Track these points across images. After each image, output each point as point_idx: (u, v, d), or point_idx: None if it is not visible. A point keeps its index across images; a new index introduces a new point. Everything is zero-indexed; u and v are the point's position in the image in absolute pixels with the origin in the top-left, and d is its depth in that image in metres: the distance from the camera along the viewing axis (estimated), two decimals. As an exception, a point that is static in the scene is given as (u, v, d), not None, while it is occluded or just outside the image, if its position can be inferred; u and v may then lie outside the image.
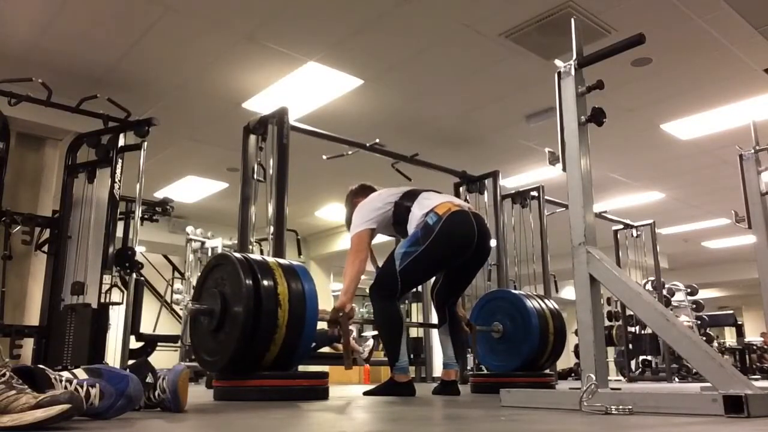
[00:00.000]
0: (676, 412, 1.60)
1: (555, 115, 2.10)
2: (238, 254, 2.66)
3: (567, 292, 10.77)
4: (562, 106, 2.08)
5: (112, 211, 4.16)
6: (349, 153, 4.66)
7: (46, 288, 4.22)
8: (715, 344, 10.43)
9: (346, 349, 3.05)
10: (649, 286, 8.19)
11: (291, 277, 2.63)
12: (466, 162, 5.79)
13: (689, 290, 9.64)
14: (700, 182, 8.13)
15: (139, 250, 4.45)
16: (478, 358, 4.15)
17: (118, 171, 4.19)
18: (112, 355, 4.16)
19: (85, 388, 1.46)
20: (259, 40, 4.64)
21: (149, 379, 1.77)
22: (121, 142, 4.27)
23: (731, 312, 11.76)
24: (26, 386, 1.30)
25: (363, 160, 5.16)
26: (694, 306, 9.57)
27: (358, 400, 2.69)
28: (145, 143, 4.27)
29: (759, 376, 10.05)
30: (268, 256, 3.08)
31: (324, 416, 1.84)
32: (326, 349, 5.95)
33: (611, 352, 9.47)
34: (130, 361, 3.88)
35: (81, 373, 1.55)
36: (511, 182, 7.38)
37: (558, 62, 2.14)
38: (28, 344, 4.08)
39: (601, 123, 2.03)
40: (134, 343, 4.28)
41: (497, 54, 4.83)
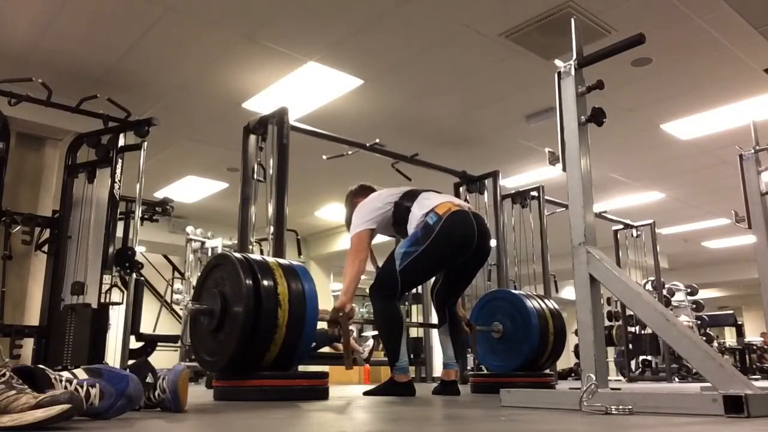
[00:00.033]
0: (676, 412, 1.60)
1: (555, 115, 2.10)
2: (238, 254, 2.66)
3: (567, 292, 10.76)
4: (562, 106, 2.08)
5: (112, 211, 4.17)
6: (349, 153, 4.66)
7: (46, 288, 4.23)
8: (715, 344, 10.43)
9: (347, 349, 3.05)
10: (649, 286, 8.19)
11: (291, 277, 2.63)
12: (466, 162, 5.79)
13: (689, 290, 9.64)
14: (700, 182, 8.13)
15: (139, 250, 4.46)
16: (478, 358, 4.15)
17: (118, 171, 4.20)
18: (112, 355, 4.16)
19: (85, 388, 1.46)
20: (259, 40, 4.64)
21: (149, 379, 1.77)
22: (121, 142, 4.27)
23: (731, 312, 11.77)
24: (26, 386, 1.30)
25: (363, 160, 5.16)
26: (694, 306, 9.57)
27: (358, 400, 2.69)
28: (145, 143, 4.27)
29: (759, 376, 10.05)
30: (268, 256, 3.08)
31: (324, 416, 1.84)
32: (326, 349, 5.95)
33: (611, 352, 9.47)
34: (130, 361, 3.88)
35: (81, 373, 1.55)
36: (511, 182, 7.38)
37: (558, 62, 2.14)
38: (28, 344, 4.08)
39: (601, 123, 2.03)
40: (134, 343, 4.28)
41: (497, 54, 4.83)
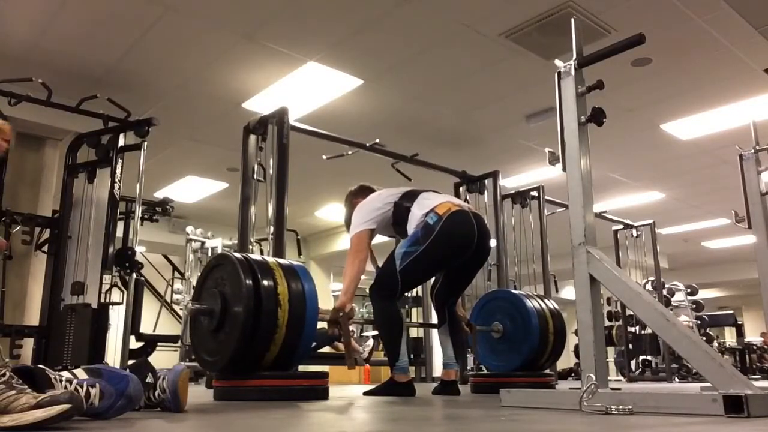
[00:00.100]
0: (676, 412, 1.60)
1: (555, 115, 2.10)
2: (238, 254, 2.66)
3: (567, 292, 10.76)
4: (562, 106, 2.08)
5: (112, 211, 4.17)
6: (349, 153, 4.66)
7: (46, 288, 4.23)
8: (715, 344, 10.43)
9: (348, 349, 3.05)
10: (649, 286, 8.19)
11: (291, 277, 2.63)
12: (466, 162, 5.79)
13: (689, 290, 9.64)
14: (700, 182, 8.13)
15: (139, 250, 4.46)
16: (478, 358, 4.15)
17: (118, 171, 4.20)
18: (112, 355, 4.16)
19: (85, 388, 1.46)
20: (259, 40, 4.64)
21: (149, 379, 1.77)
22: (121, 142, 4.28)
23: (731, 312, 11.77)
24: (26, 386, 1.30)
25: (363, 160, 5.16)
26: (694, 306, 9.57)
27: (358, 400, 2.68)
28: (145, 143, 4.28)
29: (759, 376, 10.05)
30: (268, 256, 3.08)
31: (324, 416, 1.84)
32: (326, 349, 5.95)
33: (611, 352, 9.46)
34: (130, 361, 3.88)
35: (81, 373, 1.55)
36: (511, 182, 7.38)
37: (558, 62, 2.14)
38: (28, 344, 4.09)
39: (601, 123, 2.03)
40: (134, 343, 4.28)
41: (497, 54, 4.83)
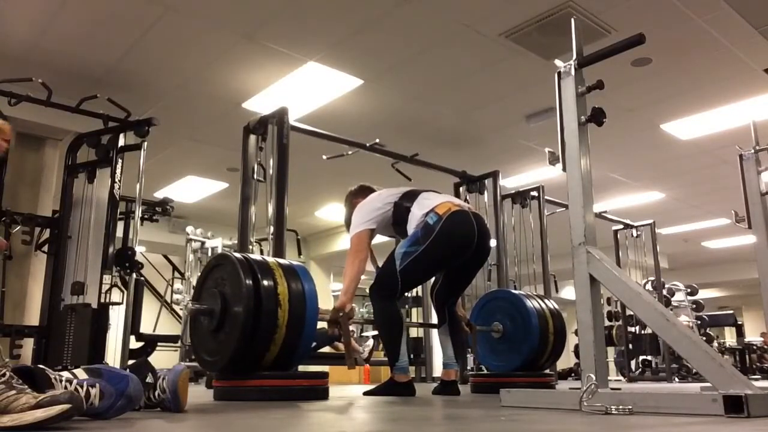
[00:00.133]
0: (676, 412, 1.60)
1: (555, 115, 2.10)
2: (238, 254, 2.66)
3: (567, 292, 10.76)
4: (562, 106, 2.08)
5: (112, 211, 4.17)
6: (349, 153, 4.66)
7: (46, 288, 4.23)
8: (715, 344, 10.43)
9: (348, 349, 3.05)
10: (649, 286, 8.19)
11: (291, 277, 2.63)
12: (466, 162, 5.79)
13: (689, 290, 9.64)
14: (700, 182, 8.13)
15: (139, 250, 4.46)
16: (478, 358, 4.15)
17: (118, 171, 4.20)
18: (112, 355, 4.16)
19: (85, 388, 1.46)
20: (259, 40, 4.64)
21: (149, 379, 1.77)
22: (121, 142, 4.28)
23: (731, 312, 11.77)
24: (26, 386, 1.30)
25: (363, 160, 5.16)
26: (694, 306, 9.57)
27: (358, 400, 2.68)
28: (145, 143, 4.28)
29: (759, 376, 10.05)
30: (268, 256, 3.08)
31: (324, 416, 1.84)
32: (326, 349, 5.95)
33: (611, 352, 9.46)
34: (130, 361, 3.88)
35: (81, 373, 1.55)
36: (511, 182, 7.38)
37: (558, 62, 2.13)
38: (28, 344, 4.09)
39: (601, 123, 2.03)
40: (134, 343, 4.28)
41: (497, 54, 4.83)
